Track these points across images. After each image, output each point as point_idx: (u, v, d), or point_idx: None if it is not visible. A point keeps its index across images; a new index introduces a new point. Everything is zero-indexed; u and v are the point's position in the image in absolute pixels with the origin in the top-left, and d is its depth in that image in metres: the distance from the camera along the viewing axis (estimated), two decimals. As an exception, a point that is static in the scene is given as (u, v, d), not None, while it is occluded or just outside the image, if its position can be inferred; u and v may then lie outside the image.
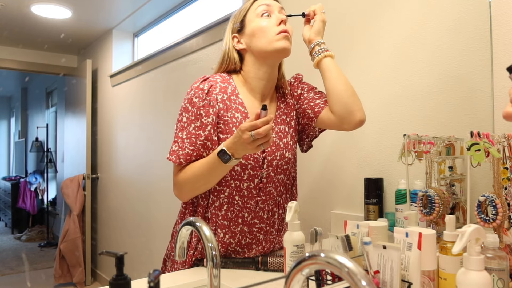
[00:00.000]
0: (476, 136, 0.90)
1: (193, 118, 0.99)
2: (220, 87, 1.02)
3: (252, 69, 1.06)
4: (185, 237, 0.76)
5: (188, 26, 2.56)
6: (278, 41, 1.02)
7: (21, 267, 4.15)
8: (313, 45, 1.06)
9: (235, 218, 1.03)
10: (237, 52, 1.07)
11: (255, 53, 1.05)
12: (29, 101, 6.21)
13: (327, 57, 1.05)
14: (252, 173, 1.02)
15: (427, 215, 1.04)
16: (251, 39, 1.04)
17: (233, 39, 1.07)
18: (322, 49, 1.05)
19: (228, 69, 1.08)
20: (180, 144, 0.99)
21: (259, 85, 1.06)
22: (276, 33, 1.02)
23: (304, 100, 1.13)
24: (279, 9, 1.06)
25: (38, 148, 5.56)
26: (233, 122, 1.01)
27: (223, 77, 1.05)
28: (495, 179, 0.89)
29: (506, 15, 1.17)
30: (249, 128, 0.86)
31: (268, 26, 1.03)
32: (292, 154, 1.10)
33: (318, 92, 1.14)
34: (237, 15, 1.08)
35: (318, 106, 1.10)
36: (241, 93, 1.05)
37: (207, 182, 0.99)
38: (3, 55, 3.49)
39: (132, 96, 3.10)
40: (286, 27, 1.03)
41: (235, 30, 1.08)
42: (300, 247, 0.82)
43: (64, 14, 2.92)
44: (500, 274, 0.75)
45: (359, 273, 0.43)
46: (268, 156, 1.04)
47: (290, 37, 1.04)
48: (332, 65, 1.05)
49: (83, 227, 3.50)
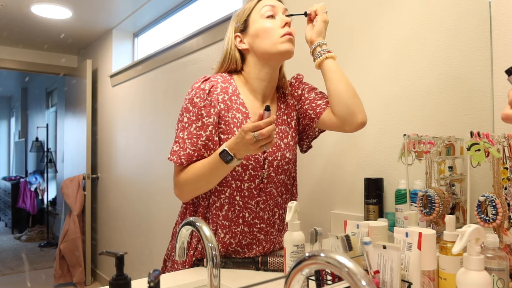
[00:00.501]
0: (476, 136, 0.91)
1: (194, 118, 0.99)
2: (221, 87, 1.02)
3: (254, 70, 1.06)
4: (185, 237, 0.77)
5: (188, 26, 2.56)
6: (282, 43, 1.01)
7: (21, 267, 4.15)
8: (314, 46, 1.06)
9: (235, 218, 1.03)
10: (239, 51, 1.07)
11: (258, 54, 1.04)
12: (29, 101, 6.21)
13: (328, 58, 1.05)
14: (253, 174, 1.02)
15: (427, 215, 1.04)
16: (254, 39, 1.04)
17: (235, 38, 1.07)
18: (324, 50, 1.05)
19: (229, 69, 1.08)
20: (181, 144, 0.99)
21: (260, 85, 1.06)
22: (281, 35, 1.01)
23: (305, 100, 1.13)
24: (283, 10, 1.06)
25: (38, 148, 5.56)
26: (234, 122, 1.01)
27: (224, 77, 1.05)
28: (495, 179, 0.89)
29: (506, 15, 1.17)
30: (252, 129, 0.86)
31: (272, 27, 1.02)
32: (293, 155, 1.10)
33: (319, 92, 1.14)
34: (241, 14, 1.08)
35: (320, 107, 1.09)
36: (242, 94, 1.05)
37: (208, 183, 0.99)
38: (3, 55, 3.48)
39: (132, 96, 3.11)
40: (290, 30, 1.03)
41: (238, 30, 1.07)
42: (300, 247, 0.83)
43: (64, 14, 2.92)
44: (500, 274, 0.75)
45: (359, 273, 0.43)
46: (269, 157, 1.04)
47: (294, 40, 1.04)
48: (334, 66, 1.05)
49: (83, 227, 3.50)
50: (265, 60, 1.05)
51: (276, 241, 1.10)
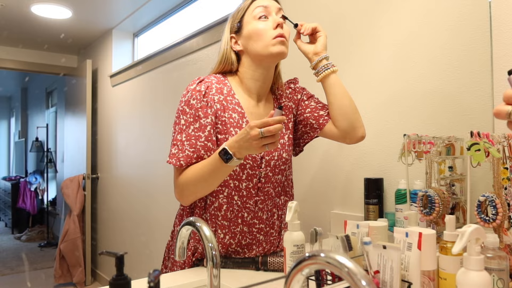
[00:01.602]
0: (476, 136, 0.91)
1: (192, 120, 0.99)
2: (216, 88, 1.02)
3: (248, 70, 1.06)
4: (185, 237, 0.76)
5: (188, 26, 2.56)
6: (274, 45, 1.01)
7: (21, 267, 4.15)
8: (320, 58, 1.06)
9: (234, 218, 1.03)
10: (235, 52, 1.07)
11: (251, 55, 1.05)
12: (29, 101, 6.20)
13: (334, 72, 1.05)
14: (251, 173, 1.02)
15: (427, 215, 1.04)
16: (247, 41, 1.04)
17: (231, 39, 1.07)
18: (330, 64, 1.05)
19: (225, 70, 1.08)
20: (179, 146, 0.98)
21: (255, 85, 1.07)
22: (272, 37, 1.01)
23: (306, 108, 1.13)
24: (277, 10, 1.05)
25: (38, 148, 5.55)
26: (231, 122, 1.01)
27: (218, 78, 1.05)
28: (495, 179, 0.89)
29: (506, 15, 1.17)
30: (260, 125, 0.86)
31: (264, 29, 1.02)
32: (289, 155, 1.10)
33: (318, 101, 1.14)
34: (235, 15, 1.08)
35: (323, 118, 1.10)
36: (237, 94, 1.05)
37: (209, 185, 0.98)
38: (3, 55, 3.48)
39: (132, 96, 3.11)
40: (283, 31, 1.02)
41: (233, 31, 1.07)
42: (300, 247, 0.82)
43: (64, 14, 2.92)
44: (500, 274, 0.75)
45: (359, 273, 0.43)
46: (266, 156, 1.04)
47: (287, 41, 1.04)
48: (339, 81, 1.06)
49: (83, 227, 3.50)
50: (259, 62, 1.05)
51: (276, 242, 1.10)
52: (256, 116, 1.05)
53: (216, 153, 0.93)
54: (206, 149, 0.98)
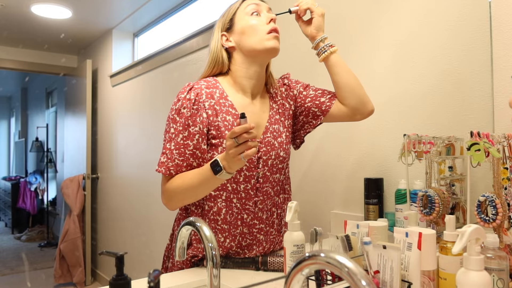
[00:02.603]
0: (476, 136, 0.90)
1: (181, 129, 0.99)
2: (206, 93, 1.02)
3: (241, 68, 1.06)
4: (185, 237, 0.77)
5: (188, 26, 2.56)
6: (268, 40, 1.02)
7: (21, 267, 4.15)
8: (317, 41, 1.08)
9: (234, 221, 1.03)
10: (226, 51, 1.07)
11: (245, 51, 1.05)
12: (29, 101, 6.21)
13: (333, 53, 1.07)
14: (248, 174, 1.02)
15: (427, 215, 1.04)
16: (240, 37, 1.04)
17: (221, 37, 1.07)
18: (327, 45, 1.07)
19: (216, 72, 1.08)
20: (169, 155, 0.99)
21: (248, 84, 1.06)
22: (266, 32, 1.02)
23: (305, 98, 1.13)
24: (267, 9, 1.07)
25: (38, 148, 5.56)
26: (225, 125, 1.00)
27: (208, 82, 1.04)
28: (495, 179, 0.89)
29: (506, 15, 1.17)
30: (230, 136, 0.87)
31: (258, 24, 1.03)
32: (287, 154, 1.10)
33: (316, 89, 1.14)
34: (226, 14, 1.08)
35: (325, 104, 1.11)
36: (230, 95, 1.05)
37: (198, 193, 0.99)
38: (3, 55, 3.48)
39: (132, 96, 3.10)
40: (276, 26, 1.04)
41: (224, 29, 1.07)
42: (300, 247, 0.82)
43: (64, 14, 2.92)
44: (500, 274, 0.75)
45: (359, 273, 0.43)
46: (264, 156, 1.04)
47: (279, 37, 1.05)
48: (340, 60, 1.08)
49: (83, 227, 3.50)
50: (252, 58, 1.05)
51: (276, 241, 1.10)
52: (252, 114, 1.04)
53: (208, 164, 0.93)
54: (195, 157, 0.99)
